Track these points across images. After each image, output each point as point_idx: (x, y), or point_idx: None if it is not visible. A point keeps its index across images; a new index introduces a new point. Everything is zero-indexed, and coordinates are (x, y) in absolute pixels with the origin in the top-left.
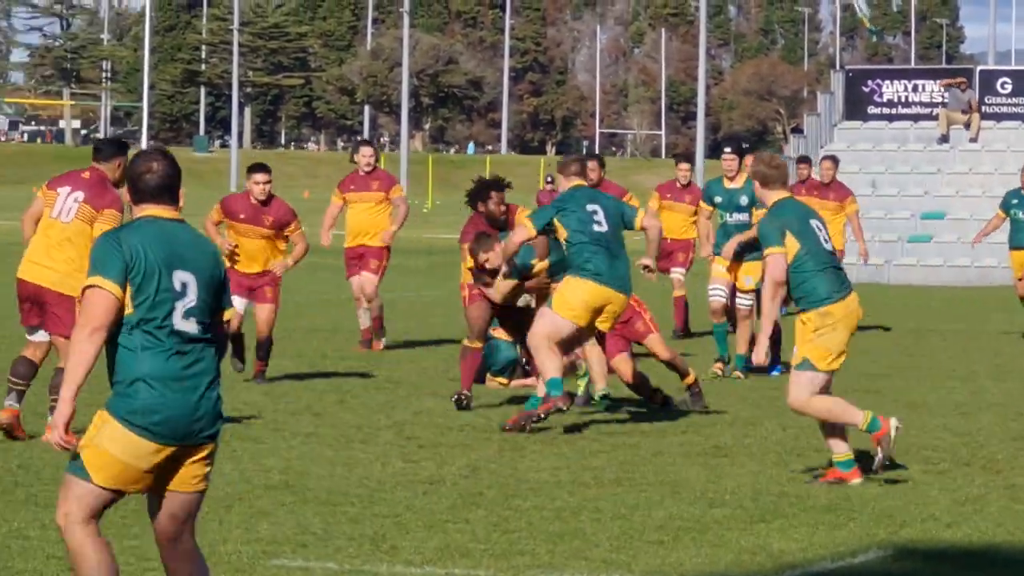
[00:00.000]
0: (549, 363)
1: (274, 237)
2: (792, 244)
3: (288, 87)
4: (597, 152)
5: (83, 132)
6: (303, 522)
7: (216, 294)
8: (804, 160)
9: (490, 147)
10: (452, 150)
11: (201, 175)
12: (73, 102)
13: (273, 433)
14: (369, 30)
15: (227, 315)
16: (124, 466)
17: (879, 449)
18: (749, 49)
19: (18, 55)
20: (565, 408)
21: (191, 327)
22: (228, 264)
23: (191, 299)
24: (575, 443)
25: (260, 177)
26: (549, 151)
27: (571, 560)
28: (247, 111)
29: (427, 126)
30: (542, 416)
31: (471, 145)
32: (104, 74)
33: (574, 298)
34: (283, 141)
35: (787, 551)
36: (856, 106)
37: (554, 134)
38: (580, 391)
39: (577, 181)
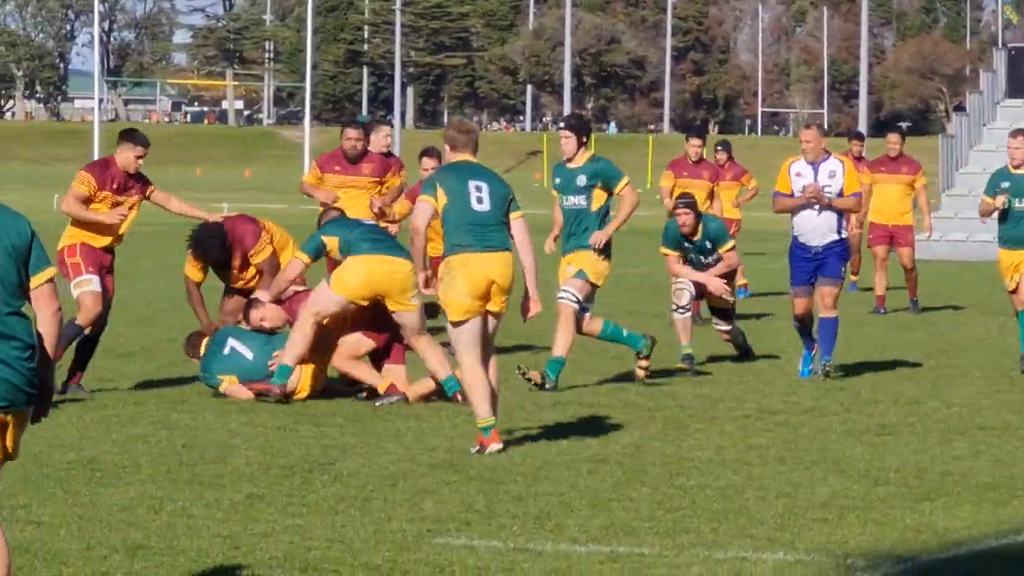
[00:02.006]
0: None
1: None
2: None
3: (450, 67)
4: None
5: (246, 113)
6: (467, 500)
7: (18, 264)
8: (857, 136)
9: (652, 126)
10: (612, 128)
11: None
12: (236, 83)
13: (436, 412)
14: (531, 9)
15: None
16: None
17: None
18: (911, 27)
19: (181, 36)
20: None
21: None
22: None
23: None
24: (738, 421)
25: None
26: (712, 130)
27: (735, 538)
28: (410, 91)
29: (589, 105)
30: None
31: (611, 125)
32: (267, 55)
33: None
34: (445, 121)
35: (952, 529)
36: (1019, 84)
37: (716, 113)
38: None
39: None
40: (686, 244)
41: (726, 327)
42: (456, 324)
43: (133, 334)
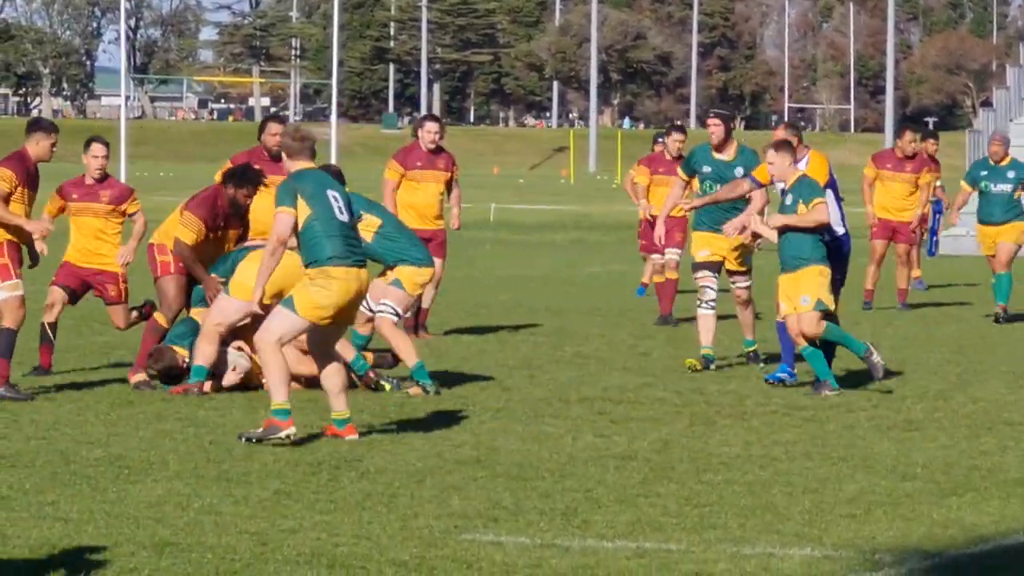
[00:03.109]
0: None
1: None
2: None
3: (477, 63)
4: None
5: (272, 110)
6: (494, 497)
7: None
8: (932, 136)
9: (679, 122)
10: (640, 126)
11: (390, 152)
12: (262, 80)
13: (464, 407)
14: (557, 5)
15: None
16: None
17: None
18: (937, 23)
19: (207, 33)
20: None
21: None
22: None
23: None
24: (765, 417)
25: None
26: (737, 126)
27: (763, 534)
28: (436, 88)
29: (616, 101)
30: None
31: (627, 120)
32: (293, 51)
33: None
34: (472, 118)
35: (980, 524)
36: None
37: (743, 109)
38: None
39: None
40: (706, 167)
41: (745, 283)
42: (300, 320)
43: None
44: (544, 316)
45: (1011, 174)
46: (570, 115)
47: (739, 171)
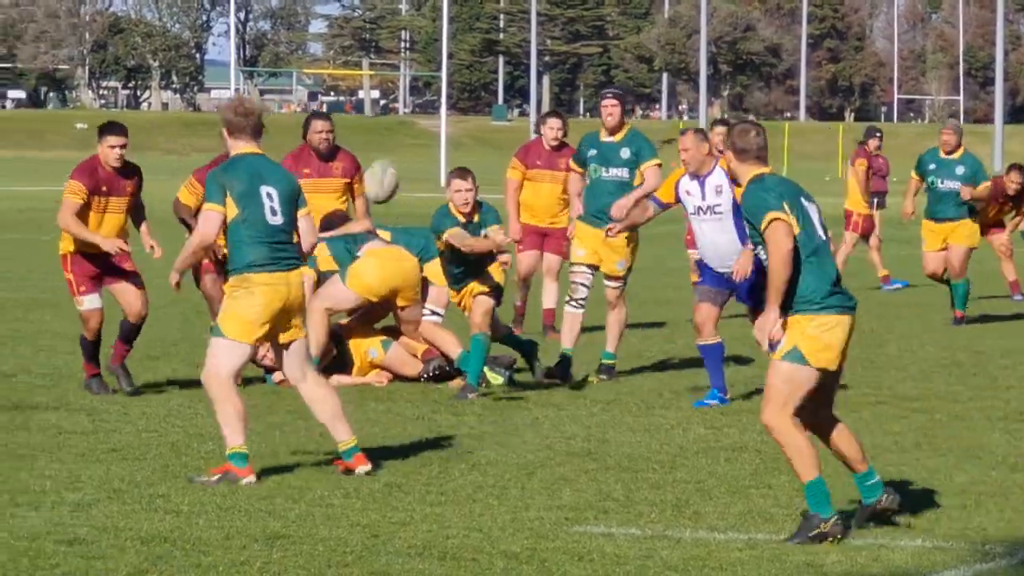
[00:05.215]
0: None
1: None
2: None
3: (586, 55)
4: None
5: (382, 102)
6: (605, 489)
7: None
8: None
9: (788, 114)
10: (751, 117)
11: (499, 144)
12: (372, 72)
13: (574, 400)
14: None
15: None
16: None
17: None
18: None
19: (316, 26)
20: None
21: None
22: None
23: None
24: (873, 408)
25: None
26: (847, 117)
27: (873, 525)
28: (545, 80)
29: (725, 93)
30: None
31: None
32: (403, 44)
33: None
34: (581, 110)
35: None
36: None
37: (852, 101)
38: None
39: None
40: (592, 151)
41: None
42: (237, 344)
43: None
44: (653, 308)
45: (960, 170)
46: (679, 107)
47: (625, 152)
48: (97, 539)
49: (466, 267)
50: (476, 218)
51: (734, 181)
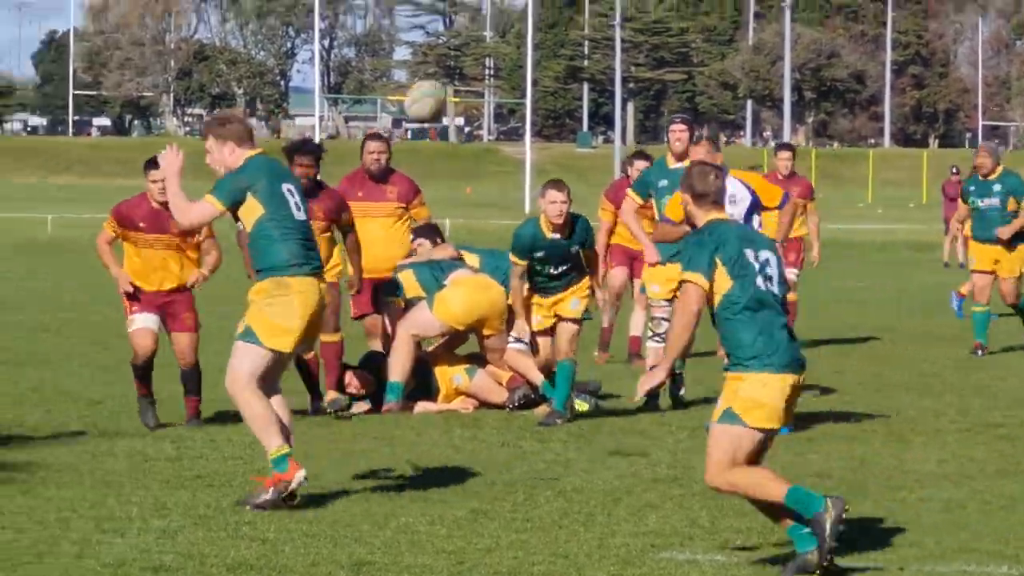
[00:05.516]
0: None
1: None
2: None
3: (671, 82)
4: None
5: (467, 129)
6: (691, 515)
7: None
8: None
9: (872, 140)
10: (835, 144)
11: (583, 171)
12: (457, 99)
13: (660, 427)
14: (751, 24)
15: None
16: None
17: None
18: None
19: (401, 53)
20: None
21: None
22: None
23: None
24: (958, 434)
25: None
26: (932, 144)
27: (959, 552)
28: (630, 106)
29: (810, 120)
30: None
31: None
32: (487, 71)
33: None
34: (667, 138)
35: None
36: None
37: (937, 127)
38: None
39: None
40: (662, 181)
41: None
42: (266, 351)
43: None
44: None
45: (997, 187)
46: (763, 134)
47: None
48: (183, 566)
49: (557, 276)
50: (568, 233)
51: (692, 224)
